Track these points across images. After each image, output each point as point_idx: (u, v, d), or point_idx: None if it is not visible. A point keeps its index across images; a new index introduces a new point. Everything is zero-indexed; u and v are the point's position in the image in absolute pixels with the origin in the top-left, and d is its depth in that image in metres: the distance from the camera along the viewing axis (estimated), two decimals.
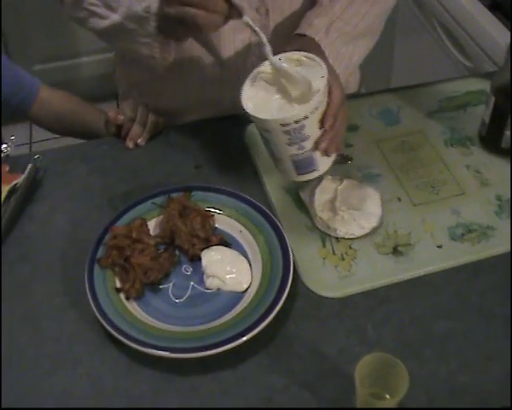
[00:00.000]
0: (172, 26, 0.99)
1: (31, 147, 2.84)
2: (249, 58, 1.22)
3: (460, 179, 1.16)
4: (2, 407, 0.86)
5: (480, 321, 0.95)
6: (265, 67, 0.99)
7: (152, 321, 0.94)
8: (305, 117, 0.92)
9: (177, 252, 1.03)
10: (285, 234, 1.03)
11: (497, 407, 0.86)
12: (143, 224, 1.04)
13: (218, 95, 1.28)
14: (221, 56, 1.22)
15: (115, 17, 1.07)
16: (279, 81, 0.98)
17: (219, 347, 0.89)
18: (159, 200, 1.08)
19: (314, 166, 1.00)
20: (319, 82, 0.95)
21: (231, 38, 1.20)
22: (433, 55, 2.04)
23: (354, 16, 1.18)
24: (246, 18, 0.95)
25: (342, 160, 1.18)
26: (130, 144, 1.22)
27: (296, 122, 0.93)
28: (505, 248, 1.05)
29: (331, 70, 1.00)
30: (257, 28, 0.95)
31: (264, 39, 0.96)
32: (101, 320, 0.92)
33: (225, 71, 1.24)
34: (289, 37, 1.14)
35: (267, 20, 1.21)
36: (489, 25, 1.74)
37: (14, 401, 0.87)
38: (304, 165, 1.00)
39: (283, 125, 0.93)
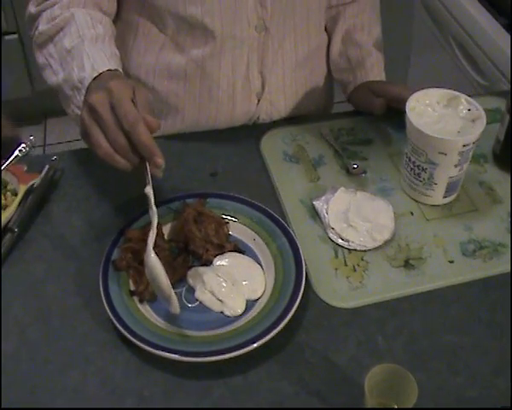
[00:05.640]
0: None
1: (44, 149, 2.86)
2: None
3: (473, 196, 1.17)
4: (13, 403, 0.87)
5: (489, 336, 0.96)
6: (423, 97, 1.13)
7: (164, 324, 0.95)
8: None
9: (190, 257, 1.04)
10: (299, 244, 1.03)
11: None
12: (158, 228, 1.04)
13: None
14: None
15: (60, 77, 1.05)
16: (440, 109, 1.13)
17: (230, 352, 0.89)
18: (174, 205, 1.09)
19: (458, 187, 1.15)
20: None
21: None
22: (448, 73, 2.05)
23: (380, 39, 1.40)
24: (146, 189, 0.93)
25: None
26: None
27: (473, 143, 1.07)
28: None
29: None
30: (154, 206, 0.92)
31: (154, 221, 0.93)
32: (114, 321, 0.92)
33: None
34: (374, 87, 1.31)
35: (267, 38, 1.22)
36: (505, 44, 1.74)
37: (24, 398, 0.88)
38: (454, 186, 1.14)
39: (465, 145, 1.06)
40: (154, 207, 0.92)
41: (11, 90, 2.72)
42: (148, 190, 0.92)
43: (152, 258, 0.91)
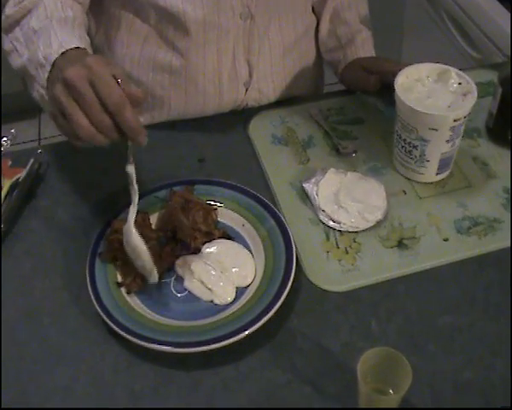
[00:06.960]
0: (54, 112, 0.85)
1: (39, 143, 2.84)
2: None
3: (467, 172, 1.14)
4: (3, 403, 0.86)
5: (485, 316, 0.94)
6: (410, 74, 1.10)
7: (153, 315, 0.93)
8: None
9: (178, 246, 1.02)
10: (288, 227, 1.01)
11: (497, 407, 0.85)
12: (145, 218, 1.03)
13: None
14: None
15: (25, 57, 0.99)
16: (429, 85, 1.10)
17: (221, 341, 0.88)
18: (161, 193, 1.07)
19: (451, 163, 1.13)
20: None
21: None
22: (441, 47, 2.03)
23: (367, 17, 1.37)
24: (128, 167, 0.89)
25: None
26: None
27: (465, 117, 1.05)
28: None
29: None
30: (135, 184, 0.90)
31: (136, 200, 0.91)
32: (103, 315, 0.91)
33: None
34: (365, 63, 1.29)
35: (252, 26, 1.20)
36: (498, 16, 1.72)
37: (14, 396, 0.87)
38: (446, 163, 1.11)
39: (456, 120, 1.03)
40: (135, 185, 0.90)
41: (4, 85, 2.72)
42: (131, 168, 0.89)
43: (134, 235, 0.91)
